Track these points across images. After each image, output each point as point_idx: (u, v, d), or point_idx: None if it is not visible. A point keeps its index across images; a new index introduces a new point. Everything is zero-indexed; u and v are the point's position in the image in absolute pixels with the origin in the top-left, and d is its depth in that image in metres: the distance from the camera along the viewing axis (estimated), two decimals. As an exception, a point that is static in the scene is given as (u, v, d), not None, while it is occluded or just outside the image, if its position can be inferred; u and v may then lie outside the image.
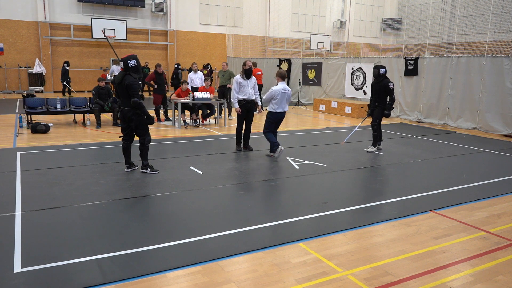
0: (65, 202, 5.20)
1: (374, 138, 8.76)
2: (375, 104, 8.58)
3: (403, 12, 32.08)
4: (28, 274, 3.47)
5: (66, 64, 19.74)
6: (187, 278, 3.51)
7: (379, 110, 8.52)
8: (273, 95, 7.72)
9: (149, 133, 6.64)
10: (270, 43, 27.87)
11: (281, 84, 7.81)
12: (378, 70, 8.48)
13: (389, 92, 8.38)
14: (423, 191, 6.06)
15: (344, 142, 8.84)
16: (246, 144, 8.71)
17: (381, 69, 8.48)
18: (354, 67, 16.36)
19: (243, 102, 8.28)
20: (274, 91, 7.72)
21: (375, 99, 8.58)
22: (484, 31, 23.34)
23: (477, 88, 11.94)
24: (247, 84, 8.28)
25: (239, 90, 8.25)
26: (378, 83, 8.48)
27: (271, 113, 7.88)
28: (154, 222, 4.64)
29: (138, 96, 6.31)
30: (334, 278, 3.55)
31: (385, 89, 8.37)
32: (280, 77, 7.88)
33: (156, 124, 11.82)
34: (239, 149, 8.61)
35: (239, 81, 8.27)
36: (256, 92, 8.47)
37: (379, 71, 8.47)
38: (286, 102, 7.86)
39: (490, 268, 3.81)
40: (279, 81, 7.86)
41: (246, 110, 8.34)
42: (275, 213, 5.02)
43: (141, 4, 22.93)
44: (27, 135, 9.76)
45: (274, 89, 7.74)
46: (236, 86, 8.28)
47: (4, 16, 20.30)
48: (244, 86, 8.26)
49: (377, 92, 8.52)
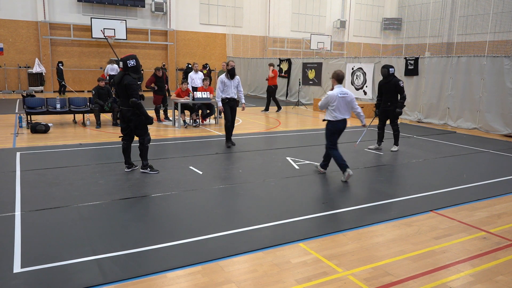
0: (65, 202, 5.20)
1: (395, 138, 8.87)
2: (388, 104, 8.58)
3: (403, 12, 32.08)
4: (28, 274, 3.47)
5: (61, 64, 19.77)
6: (187, 278, 3.51)
7: (394, 111, 8.56)
8: (328, 101, 6.55)
9: (148, 133, 6.64)
10: (270, 43, 27.87)
11: (338, 87, 6.55)
12: (387, 70, 8.50)
13: (400, 90, 8.44)
14: (423, 191, 6.06)
15: (356, 144, 8.85)
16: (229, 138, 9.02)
17: (390, 69, 8.53)
18: (354, 67, 16.36)
19: (226, 101, 8.67)
20: (330, 97, 6.51)
21: (387, 99, 8.57)
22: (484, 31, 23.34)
23: (477, 88, 11.93)
24: (231, 84, 8.65)
25: (223, 89, 8.61)
26: (387, 83, 8.50)
27: (330, 123, 6.65)
28: (154, 222, 4.64)
29: (137, 96, 6.30)
30: (334, 278, 3.55)
31: (396, 88, 8.42)
32: (336, 79, 6.60)
33: (156, 124, 11.81)
34: (229, 145, 8.87)
35: (224, 81, 8.61)
36: (239, 91, 8.84)
37: (388, 71, 8.50)
38: (346, 109, 6.58)
39: (490, 268, 3.80)
40: (335, 84, 6.61)
41: (229, 107, 8.72)
42: (275, 213, 5.01)
43: (141, 4, 22.92)
44: (27, 135, 9.75)
45: (330, 94, 6.53)
46: (221, 85, 8.61)
47: (4, 16, 20.29)
48: (228, 86, 8.62)
49: (388, 92, 8.54)
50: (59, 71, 19.63)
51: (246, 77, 23.42)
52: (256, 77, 22.69)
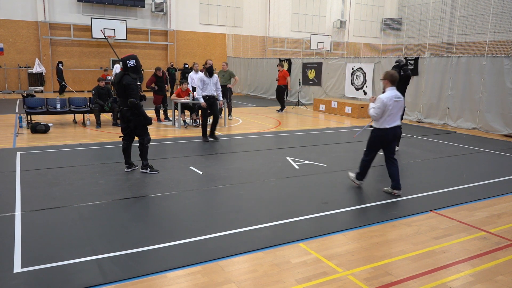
0: (65, 202, 5.20)
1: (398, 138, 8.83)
2: None
3: (403, 12, 32.08)
4: (28, 274, 3.47)
5: (61, 64, 19.79)
6: (187, 278, 3.51)
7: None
8: (385, 108, 5.54)
9: (148, 133, 6.64)
10: (270, 43, 27.87)
11: (391, 90, 5.65)
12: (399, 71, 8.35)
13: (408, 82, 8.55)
14: (423, 191, 6.06)
15: (356, 135, 8.90)
16: (212, 134, 9.60)
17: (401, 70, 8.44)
18: (354, 67, 16.36)
19: (206, 98, 9.18)
20: (386, 102, 5.53)
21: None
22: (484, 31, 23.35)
23: (477, 88, 11.93)
24: (210, 81, 9.20)
25: (203, 87, 9.15)
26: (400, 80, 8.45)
27: (379, 131, 5.70)
28: (154, 222, 4.64)
29: (136, 96, 6.30)
30: (334, 278, 3.55)
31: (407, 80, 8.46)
32: (389, 81, 5.68)
33: (156, 124, 11.81)
34: (206, 140, 9.36)
35: (203, 79, 9.18)
36: (218, 89, 9.39)
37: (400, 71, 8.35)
38: (399, 114, 5.76)
39: (490, 268, 3.80)
40: (388, 87, 5.67)
41: (209, 104, 9.23)
42: (275, 213, 5.01)
43: (141, 4, 22.92)
44: (27, 135, 9.75)
45: (384, 99, 5.54)
46: (201, 84, 9.17)
47: (4, 16, 20.29)
48: (208, 84, 9.17)
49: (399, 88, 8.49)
50: (59, 71, 19.65)
51: (246, 77, 23.41)
52: (256, 77, 22.68)
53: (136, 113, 6.38)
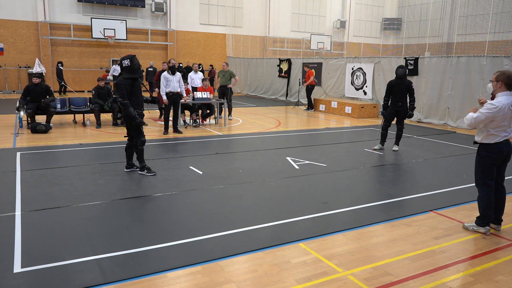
0: (65, 202, 5.20)
1: (398, 137, 8.92)
2: (399, 104, 8.57)
3: (403, 12, 32.08)
4: (28, 274, 3.47)
5: (60, 64, 19.79)
6: (187, 278, 3.51)
7: (405, 111, 8.60)
8: (494, 116, 4.28)
9: (142, 135, 6.56)
10: (270, 43, 27.86)
11: (506, 96, 4.32)
12: (404, 71, 8.48)
13: (412, 92, 8.50)
14: (423, 191, 6.06)
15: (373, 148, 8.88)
16: (176, 129, 10.41)
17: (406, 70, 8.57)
18: (354, 67, 16.36)
19: (169, 94, 9.92)
20: (499, 108, 4.27)
21: (397, 100, 8.55)
22: (484, 31, 23.33)
23: (477, 88, 11.93)
24: (173, 79, 9.93)
25: (166, 84, 9.89)
26: (401, 84, 8.48)
27: (490, 147, 4.44)
28: (154, 222, 4.64)
29: (122, 96, 6.23)
30: (334, 278, 3.55)
31: (408, 89, 8.47)
32: (505, 84, 4.33)
33: (157, 124, 11.81)
34: (166, 133, 10.12)
35: (166, 77, 9.91)
36: (181, 86, 10.18)
37: (405, 72, 8.51)
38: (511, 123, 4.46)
39: (490, 268, 3.81)
40: (501, 91, 4.37)
41: (172, 101, 9.99)
42: (275, 213, 5.02)
43: (141, 4, 22.92)
44: (27, 135, 9.76)
45: (498, 105, 4.27)
46: (164, 81, 9.90)
47: (4, 16, 20.29)
48: (171, 80, 9.91)
49: (400, 93, 8.52)
50: (58, 71, 19.65)
51: (246, 77, 23.41)
52: (256, 77, 22.68)
53: (127, 114, 6.35)
